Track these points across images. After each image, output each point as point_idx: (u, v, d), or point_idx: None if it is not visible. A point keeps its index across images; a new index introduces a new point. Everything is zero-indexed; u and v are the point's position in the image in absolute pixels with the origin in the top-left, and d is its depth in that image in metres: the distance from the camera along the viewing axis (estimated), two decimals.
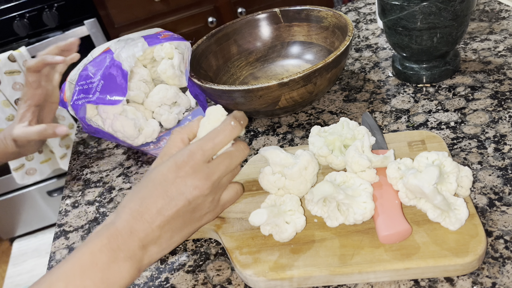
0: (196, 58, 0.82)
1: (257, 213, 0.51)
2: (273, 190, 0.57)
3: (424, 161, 0.52)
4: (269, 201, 0.55)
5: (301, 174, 0.55)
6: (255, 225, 0.52)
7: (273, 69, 0.89)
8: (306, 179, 0.55)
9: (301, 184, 0.55)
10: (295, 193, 0.56)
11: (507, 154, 0.60)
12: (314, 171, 0.56)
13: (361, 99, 0.78)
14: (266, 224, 0.53)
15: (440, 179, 0.50)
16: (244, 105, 0.72)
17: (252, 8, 1.96)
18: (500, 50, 0.80)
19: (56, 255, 0.65)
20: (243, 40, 0.90)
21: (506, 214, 0.53)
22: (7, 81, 1.70)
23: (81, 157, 0.86)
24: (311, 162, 0.55)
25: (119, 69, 0.71)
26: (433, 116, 0.70)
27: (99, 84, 0.70)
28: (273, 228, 0.53)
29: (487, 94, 0.72)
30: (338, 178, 0.54)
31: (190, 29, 1.93)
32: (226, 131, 0.51)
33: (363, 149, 0.56)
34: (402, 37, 0.73)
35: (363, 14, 1.06)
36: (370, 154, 0.56)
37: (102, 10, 1.80)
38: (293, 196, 0.55)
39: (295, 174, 0.54)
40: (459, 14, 0.68)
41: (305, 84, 0.69)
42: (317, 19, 0.85)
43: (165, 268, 0.58)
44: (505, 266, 0.48)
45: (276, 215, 0.52)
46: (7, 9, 1.70)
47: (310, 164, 0.55)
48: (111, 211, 0.70)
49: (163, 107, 0.77)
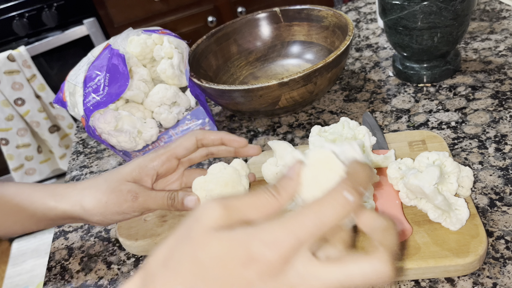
0: (196, 58, 0.82)
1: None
2: (273, 181, 0.57)
3: (425, 161, 0.52)
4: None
5: None
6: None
7: (273, 68, 0.89)
8: None
9: None
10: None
11: (508, 154, 0.60)
12: None
13: (361, 99, 0.78)
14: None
15: (441, 179, 0.50)
16: (244, 105, 0.72)
17: (252, 8, 1.96)
18: (500, 50, 0.80)
19: (56, 255, 0.65)
20: (243, 39, 0.90)
21: (507, 214, 0.53)
22: (6, 80, 1.70)
23: (81, 157, 0.85)
24: None
25: (118, 56, 0.71)
26: (434, 116, 0.70)
27: (105, 78, 0.70)
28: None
29: (487, 94, 0.71)
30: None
31: (189, 28, 1.92)
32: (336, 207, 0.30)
33: (364, 149, 0.56)
34: (403, 36, 0.72)
35: (363, 13, 1.06)
36: (370, 154, 0.56)
37: (101, 10, 1.80)
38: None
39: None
40: (460, 14, 0.68)
41: (305, 83, 0.69)
42: (318, 19, 0.85)
43: None
44: (506, 267, 0.48)
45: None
46: (7, 9, 1.70)
47: None
48: None
49: (163, 106, 0.77)
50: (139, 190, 0.55)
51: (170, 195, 0.55)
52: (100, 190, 0.55)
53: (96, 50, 0.77)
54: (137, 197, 0.54)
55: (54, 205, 0.56)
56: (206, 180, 0.56)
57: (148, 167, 0.57)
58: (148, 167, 0.57)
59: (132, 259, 0.61)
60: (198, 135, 0.59)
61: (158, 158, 0.58)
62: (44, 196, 0.57)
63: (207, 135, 0.59)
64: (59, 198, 0.56)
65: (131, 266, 0.60)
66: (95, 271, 0.60)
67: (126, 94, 0.74)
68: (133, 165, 0.57)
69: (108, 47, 0.73)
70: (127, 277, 0.58)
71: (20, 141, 1.83)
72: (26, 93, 1.74)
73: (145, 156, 0.59)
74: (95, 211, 0.55)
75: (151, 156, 0.58)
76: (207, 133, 0.60)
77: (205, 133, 0.60)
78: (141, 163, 0.57)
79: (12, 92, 1.73)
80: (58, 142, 1.91)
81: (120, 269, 0.60)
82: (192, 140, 0.59)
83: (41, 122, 1.82)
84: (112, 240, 0.65)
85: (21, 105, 1.76)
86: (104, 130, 0.71)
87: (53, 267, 0.63)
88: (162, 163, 0.58)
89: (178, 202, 0.55)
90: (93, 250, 0.64)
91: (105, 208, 0.55)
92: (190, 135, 0.59)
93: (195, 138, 0.59)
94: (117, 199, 0.55)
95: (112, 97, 0.69)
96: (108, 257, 0.62)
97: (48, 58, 1.81)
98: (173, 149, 0.58)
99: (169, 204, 0.55)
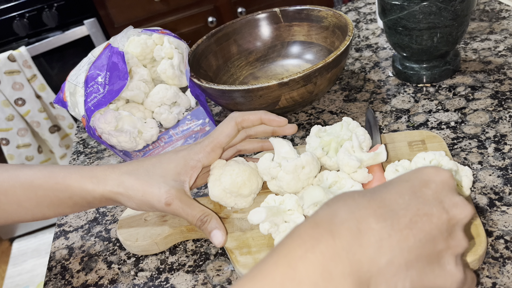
0: (196, 58, 0.82)
1: (256, 211, 0.51)
2: (267, 176, 0.57)
3: (421, 162, 0.52)
4: (268, 200, 0.55)
5: (296, 171, 0.55)
6: (253, 223, 0.52)
7: (273, 69, 0.89)
8: (299, 178, 0.55)
9: (292, 179, 0.55)
10: (285, 186, 0.56)
11: (507, 154, 0.60)
12: (311, 172, 0.56)
13: (361, 99, 0.78)
14: (265, 223, 0.53)
15: None
16: (244, 105, 0.72)
17: (252, 8, 1.96)
18: (500, 50, 0.80)
19: (56, 255, 0.65)
20: (243, 40, 0.90)
21: (507, 214, 0.53)
22: (7, 81, 1.70)
23: (81, 157, 0.85)
24: (310, 163, 0.55)
25: (118, 54, 0.71)
26: (433, 116, 0.70)
27: (106, 77, 0.70)
28: (272, 227, 0.53)
29: (487, 94, 0.71)
30: (329, 178, 0.55)
31: (190, 29, 1.93)
32: None
33: (353, 150, 0.56)
34: (402, 37, 0.73)
35: (363, 14, 1.06)
36: (360, 153, 0.56)
37: (102, 10, 1.80)
38: (293, 195, 0.55)
39: (290, 168, 0.54)
40: (459, 14, 0.68)
41: (305, 84, 0.69)
42: (317, 19, 0.85)
43: (165, 268, 0.58)
44: (505, 266, 0.48)
45: (275, 214, 0.52)
46: (7, 9, 1.70)
47: (309, 165, 0.55)
48: (111, 211, 0.70)
49: (163, 107, 0.77)
50: (175, 197, 0.54)
51: (202, 217, 0.54)
52: (140, 180, 0.55)
53: (96, 50, 0.77)
54: (170, 204, 0.54)
55: (92, 188, 0.55)
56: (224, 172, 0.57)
57: (194, 160, 0.57)
58: (194, 159, 0.57)
59: (132, 258, 0.61)
60: (237, 118, 0.58)
61: (203, 150, 0.57)
62: (80, 179, 0.55)
63: (247, 117, 0.59)
64: (96, 180, 0.55)
65: (132, 266, 0.60)
66: (96, 271, 0.61)
67: (126, 94, 0.74)
68: (178, 159, 0.56)
69: (109, 47, 0.73)
70: (127, 277, 0.58)
71: (21, 141, 1.83)
72: (27, 93, 1.75)
73: (189, 149, 0.58)
74: (131, 198, 0.55)
75: (196, 149, 0.57)
76: (246, 114, 0.59)
77: (244, 114, 0.59)
78: (186, 157, 0.57)
79: (13, 92, 1.73)
80: (59, 142, 1.91)
81: (120, 269, 0.60)
82: (232, 125, 0.58)
83: (41, 122, 1.83)
84: (113, 239, 0.65)
85: (22, 105, 1.76)
86: (104, 130, 0.71)
87: (53, 267, 0.63)
88: (208, 155, 0.57)
89: (206, 229, 0.54)
90: (93, 249, 0.64)
91: (140, 199, 0.54)
92: (230, 120, 0.58)
93: (234, 123, 0.58)
94: (152, 196, 0.54)
95: (112, 94, 0.70)
96: (108, 256, 0.62)
97: (49, 58, 1.81)
98: (217, 139, 0.58)
99: (198, 225, 0.54)
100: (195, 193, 0.68)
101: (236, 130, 0.58)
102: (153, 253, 0.60)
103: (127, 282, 0.58)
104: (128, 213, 0.63)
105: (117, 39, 0.74)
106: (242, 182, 0.56)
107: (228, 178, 0.56)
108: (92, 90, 0.70)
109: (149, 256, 0.60)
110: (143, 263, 0.60)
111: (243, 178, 0.57)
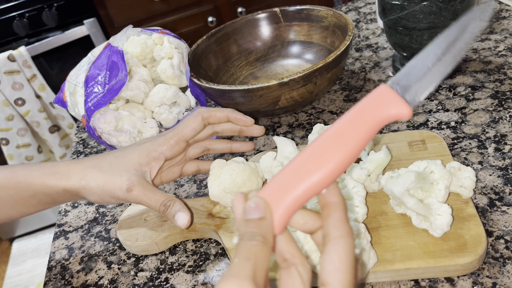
0: (196, 58, 0.82)
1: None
2: (268, 174, 0.57)
3: (415, 170, 0.52)
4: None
5: None
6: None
7: (273, 68, 0.89)
8: None
9: None
10: None
11: (507, 154, 0.60)
12: None
13: (361, 98, 0.78)
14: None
15: (426, 186, 0.50)
16: (244, 105, 0.72)
17: (252, 8, 1.96)
18: (500, 50, 0.80)
19: (56, 255, 0.65)
20: (243, 39, 0.90)
21: (507, 214, 0.53)
22: (7, 81, 1.70)
23: (81, 157, 0.85)
24: None
25: (118, 53, 0.71)
26: (434, 115, 0.70)
27: (106, 76, 0.70)
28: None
29: (487, 93, 0.71)
30: None
31: (190, 28, 1.92)
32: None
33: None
34: (403, 36, 0.73)
35: (363, 13, 1.06)
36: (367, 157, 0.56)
37: (101, 10, 1.80)
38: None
39: None
40: (460, 14, 0.68)
41: (305, 83, 0.69)
42: (317, 19, 0.85)
43: (165, 268, 0.58)
44: (506, 266, 0.48)
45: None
46: (7, 9, 1.70)
47: None
48: (110, 211, 0.70)
49: (163, 107, 0.77)
50: (137, 183, 0.54)
51: (165, 202, 0.54)
52: (102, 172, 0.55)
53: (96, 50, 0.77)
54: (132, 190, 0.54)
55: (55, 183, 0.55)
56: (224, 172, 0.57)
57: (157, 152, 0.56)
58: (157, 151, 0.56)
59: (132, 259, 0.61)
60: (204, 113, 0.58)
61: (167, 143, 0.57)
62: (42, 176, 0.55)
63: (213, 113, 0.59)
64: (59, 176, 0.55)
65: (131, 266, 0.60)
66: (96, 271, 0.61)
67: (126, 94, 0.74)
68: (141, 150, 0.56)
69: (108, 46, 0.73)
70: (127, 277, 0.58)
71: (21, 141, 1.83)
72: (27, 93, 1.75)
73: (153, 140, 0.57)
74: (93, 191, 0.55)
75: (159, 141, 0.57)
76: (213, 111, 0.59)
77: (211, 110, 0.59)
78: (149, 148, 0.56)
79: (13, 92, 1.73)
80: (58, 142, 1.91)
81: (120, 269, 0.60)
82: (199, 120, 0.58)
83: (41, 122, 1.82)
84: (112, 239, 0.65)
85: (21, 105, 1.76)
86: (104, 130, 0.71)
87: (53, 267, 0.63)
88: (171, 147, 0.57)
89: (169, 213, 0.54)
90: (93, 249, 0.64)
91: (102, 190, 0.54)
92: (196, 115, 0.58)
93: (201, 118, 0.58)
94: (114, 184, 0.54)
95: (112, 93, 0.70)
96: (108, 256, 0.62)
97: (49, 58, 1.81)
98: (181, 132, 0.58)
99: (161, 210, 0.54)
100: (195, 193, 0.68)
101: (202, 125, 0.58)
102: (153, 253, 0.60)
103: (127, 282, 0.58)
104: (128, 213, 0.63)
105: (116, 38, 0.74)
106: (242, 181, 0.56)
107: (228, 177, 0.56)
108: (92, 90, 0.71)
109: (149, 256, 0.60)
110: (143, 263, 0.60)
111: (243, 178, 0.57)
